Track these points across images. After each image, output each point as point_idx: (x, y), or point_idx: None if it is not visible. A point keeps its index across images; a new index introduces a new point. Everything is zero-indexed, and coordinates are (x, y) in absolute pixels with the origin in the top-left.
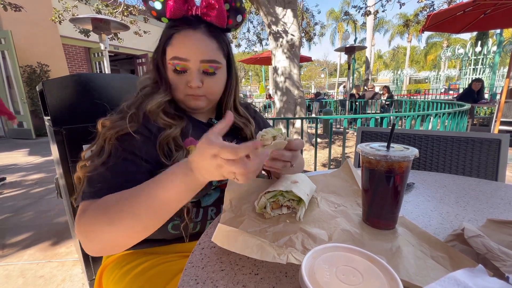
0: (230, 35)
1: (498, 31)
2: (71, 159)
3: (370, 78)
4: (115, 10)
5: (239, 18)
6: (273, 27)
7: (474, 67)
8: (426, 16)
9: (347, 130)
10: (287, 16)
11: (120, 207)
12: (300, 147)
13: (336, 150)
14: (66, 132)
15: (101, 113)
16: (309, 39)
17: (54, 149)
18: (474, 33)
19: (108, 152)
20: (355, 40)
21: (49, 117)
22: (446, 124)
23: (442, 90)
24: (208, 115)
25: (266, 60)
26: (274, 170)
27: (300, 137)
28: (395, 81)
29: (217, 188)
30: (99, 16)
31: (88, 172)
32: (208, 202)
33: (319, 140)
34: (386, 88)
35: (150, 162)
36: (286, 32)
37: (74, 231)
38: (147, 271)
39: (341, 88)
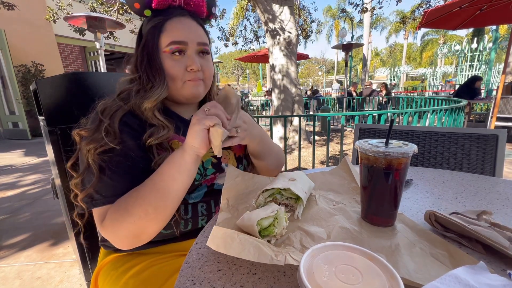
0: (227, 33)
1: (494, 27)
2: (66, 159)
3: (393, 77)
4: (110, 9)
5: (213, 9)
6: (270, 25)
7: (470, 63)
8: (422, 13)
9: (345, 128)
10: (284, 14)
11: (137, 204)
12: (230, 92)
13: (334, 148)
14: (60, 132)
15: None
16: (306, 37)
17: (49, 149)
18: (470, 30)
19: (98, 165)
20: (352, 38)
21: (43, 117)
22: (443, 120)
23: (439, 87)
24: (190, 112)
25: (263, 58)
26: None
27: (298, 135)
28: (392, 78)
29: (202, 184)
30: (94, 14)
31: (92, 186)
32: (196, 199)
33: (317, 137)
34: (384, 84)
35: (141, 152)
36: (283, 29)
37: (71, 231)
38: (143, 272)
39: (335, 85)
